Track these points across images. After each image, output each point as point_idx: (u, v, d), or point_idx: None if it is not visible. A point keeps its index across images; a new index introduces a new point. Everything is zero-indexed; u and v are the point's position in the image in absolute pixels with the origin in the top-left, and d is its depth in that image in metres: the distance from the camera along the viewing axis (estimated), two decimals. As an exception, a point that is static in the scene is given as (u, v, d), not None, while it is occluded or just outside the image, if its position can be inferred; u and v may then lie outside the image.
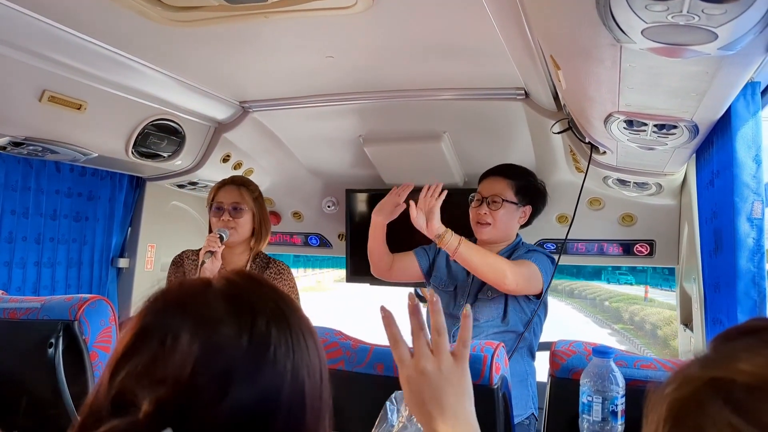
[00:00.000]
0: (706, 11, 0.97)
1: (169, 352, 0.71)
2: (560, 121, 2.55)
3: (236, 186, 2.66)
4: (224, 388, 0.70)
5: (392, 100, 2.69)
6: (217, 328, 0.73)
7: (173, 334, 0.72)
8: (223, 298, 0.77)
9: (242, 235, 2.62)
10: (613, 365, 1.31)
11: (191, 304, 0.76)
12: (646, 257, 3.20)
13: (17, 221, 2.88)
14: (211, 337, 0.72)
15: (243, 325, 0.74)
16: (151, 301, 0.79)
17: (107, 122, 2.64)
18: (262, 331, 0.75)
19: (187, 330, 0.72)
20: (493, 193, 2.48)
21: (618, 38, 1.14)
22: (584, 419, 1.30)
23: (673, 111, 1.59)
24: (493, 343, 1.46)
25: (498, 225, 2.47)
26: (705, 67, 1.26)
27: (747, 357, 0.61)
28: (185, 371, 0.70)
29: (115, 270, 3.44)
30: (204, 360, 0.71)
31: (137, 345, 0.73)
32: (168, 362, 0.70)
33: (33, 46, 2.04)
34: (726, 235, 1.68)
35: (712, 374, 0.61)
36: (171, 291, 0.80)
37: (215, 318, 0.74)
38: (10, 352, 1.91)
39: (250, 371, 0.72)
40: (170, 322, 0.74)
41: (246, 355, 0.73)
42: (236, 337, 0.73)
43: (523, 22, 1.69)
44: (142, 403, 0.69)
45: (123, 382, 0.71)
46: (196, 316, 0.74)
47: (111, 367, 0.74)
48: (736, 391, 0.58)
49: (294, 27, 1.95)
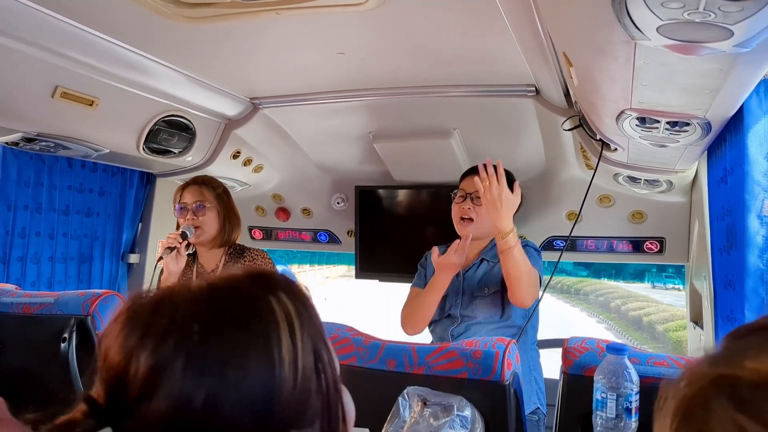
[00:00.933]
0: (722, 8, 0.96)
1: (107, 349, 0.72)
2: (571, 118, 2.54)
3: (198, 185, 2.68)
4: (153, 381, 0.68)
5: (402, 96, 2.69)
6: (165, 340, 0.70)
7: (116, 336, 0.72)
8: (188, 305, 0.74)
9: (209, 233, 2.64)
10: (627, 362, 1.31)
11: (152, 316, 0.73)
12: (656, 254, 3.19)
13: (30, 217, 2.90)
14: (160, 346, 0.70)
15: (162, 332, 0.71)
16: (110, 325, 0.77)
17: (119, 118, 2.66)
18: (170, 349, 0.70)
19: (126, 330, 0.72)
20: (477, 189, 2.48)
21: (633, 35, 1.14)
22: (598, 416, 1.30)
23: (686, 108, 1.59)
24: (505, 340, 1.46)
25: (481, 220, 2.46)
26: (720, 65, 1.26)
27: (754, 354, 0.60)
28: (120, 366, 0.70)
29: (125, 265, 3.46)
30: (133, 355, 0.69)
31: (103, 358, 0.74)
32: (106, 360, 0.71)
33: (46, 43, 2.05)
34: (737, 233, 1.68)
35: (718, 372, 0.61)
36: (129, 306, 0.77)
37: (163, 329, 0.71)
38: (24, 347, 1.93)
39: (190, 372, 0.68)
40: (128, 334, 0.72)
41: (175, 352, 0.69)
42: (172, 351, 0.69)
43: (536, 18, 1.69)
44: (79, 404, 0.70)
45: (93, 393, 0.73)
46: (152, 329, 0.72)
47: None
48: (741, 389, 0.58)
49: (305, 24, 1.95)
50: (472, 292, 2.47)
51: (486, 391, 1.39)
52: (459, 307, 2.46)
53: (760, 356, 0.60)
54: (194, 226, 2.59)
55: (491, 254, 2.50)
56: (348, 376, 0.86)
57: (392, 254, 3.62)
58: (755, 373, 0.58)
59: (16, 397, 1.42)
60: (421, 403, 1.36)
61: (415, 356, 1.49)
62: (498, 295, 2.43)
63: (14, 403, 1.06)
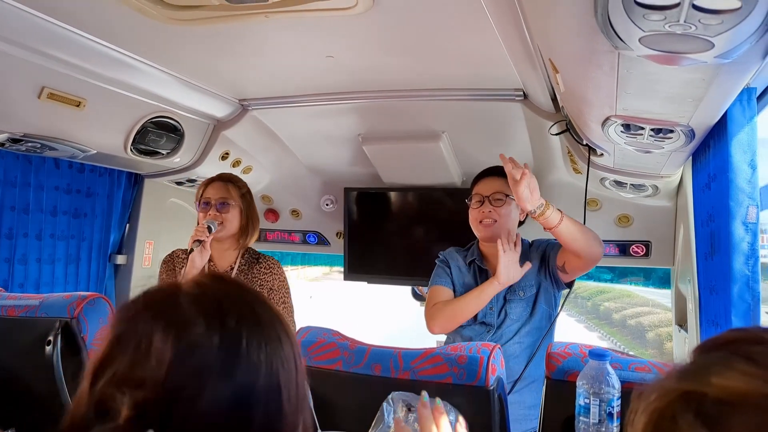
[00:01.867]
0: (702, 21, 0.98)
1: (144, 356, 0.73)
2: (558, 122, 2.56)
3: (224, 182, 2.67)
4: (200, 385, 0.72)
5: (391, 99, 2.70)
6: (188, 329, 0.75)
7: (147, 338, 0.74)
8: (191, 300, 0.79)
9: (229, 231, 2.62)
10: (609, 368, 1.32)
11: (160, 308, 0.79)
12: (642, 258, 3.21)
13: (18, 217, 2.88)
14: (183, 337, 0.74)
15: (212, 323, 0.77)
16: (122, 310, 0.81)
17: (106, 119, 2.65)
18: (232, 327, 0.77)
19: (159, 333, 0.74)
20: (495, 190, 2.47)
21: (616, 45, 1.15)
22: (581, 421, 1.31)
23: (669, 116, 1.60)
24: (489, 345, 1.47)
25: (503, 221, 2.45)
26: (702, 75, 1.28)
27: (719, 370, 0.61)
28: (161, 372, 0.72)
29: (112, 267, 3.45)
30: (178, 360, 0.73)
31: (113, 353, 0.76)
32: (145, 366, 0.73)
33: (33, 43, 2.04)
34: (721, 239, 1.69)
35: (685, 387, 0.62)
36: (140, 298, 0.82)
37: (185, 319, 0.76)
38: (9, 350, 1.92)
39: (224, 367, 0.74)
40: (142, 327, 0.76)
41: (219, 352, 0.75)
42: (207, 336, 0.75)
43: (523, 25, 1.70)
44: (122, 408, 0.71)
45: (103, 389, 0.73)
46: (167, 319, 0.76)
47: (90, 376, 0.76)
48: (707, 405, 0.59)
49: (294, 27, 1.95)
50: (504, 294, 2.45)
51: (470, 396, 1.40)
52: (495, 315, 2.44)
53: (725, 372, 0.61)
54: (217, 222, 2.57)
55: (521, 257, 2.47)
56: (333, 380, 0.88)
57: (381, 256, 3.63)
58: (720, 389, 0.59)
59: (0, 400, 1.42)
60: (405, 408, 1.36)
61: (400, 361, 1.50)
62: (532, 297, 2.44)
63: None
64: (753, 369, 0.60)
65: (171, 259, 2.72)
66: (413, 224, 3.51)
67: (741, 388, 0.59)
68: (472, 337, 2.45)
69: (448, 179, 3.25)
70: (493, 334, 2.42)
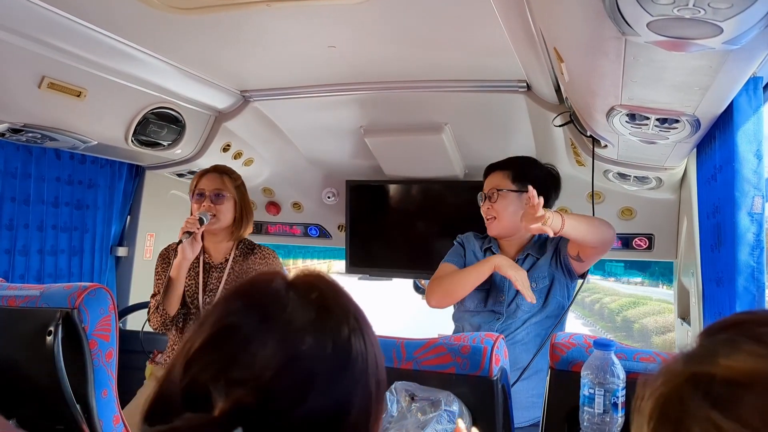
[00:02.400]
0: (712, 5, 0.96)
1: (251, 355, 0.71)
2: (562, 114, 2.54)
3: (218, 174, 2.65)
4: (304, 395, 0.71)
5: (394, 91, 2.68)
6: (303, 338, 0.73)
7: (258, 339, 0.72)
8: (309, 306, 0.77)
9: (224, 222, 2.60)
10: (613, 358, 1.31)
11: (277, 309, 0.76)
12: (645, 251, 3.20)
13: (18, 208, 2.87)
14: (297, 346, 0.73)
15: (327, 334, 0.75)
16: (234, 297, 0.79)
17: (107, 110, 2.64)
18: (345, 341, 0.76)
19: (274, 337, 0.73)
20: (491, 186, 2.46)
21: (623, 31, 1.13)
22: (585, 411, 1.30)
23: (675, 105, 1.59)
24: (493, 335, 1.46)
25: (503, 217, 2.43)
26: (709, 62, 1.26)
27: (727, 351, 0.61)
28: (265, 376, 0.70)
29: (113, 258, 3.44)
30: (287, 367, 0.71)
31: (218, 341, 0.74)
32: (248, 365, 0.71)
33: (33, 32, 2.03)
34: (727, 230, 1.68)
35: (693, 369, 0.62)
36: (251, 291, 0.80)
37: (301, 326, 0.74)
38: (9, 340, 1.91)
39: (330, 380, 0.73)
40: (256, 326, 0.74)
41: (328, 365, 0.73)
42: (320, 347, 0.74)
43: (527, 13, 1.69)
44: (216, 400, 0.70)
45: (197, 374, 0.72)
46: (283, 324, 0.74)
47: (186, 356, 0.74)
48: (716, 386, 0.58)
49: (296, 16, 1.94)
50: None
51: (474, 386, 1.39)
52: (504, 304, 2.43)
53: (733, 353, 0.60)
54: (210, 214, 2.55)
55: (535, 248, 2.48)
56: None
57: (383, 249, 3.62)
58: (728, 370, 0.59)
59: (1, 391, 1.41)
60: (408, 398, 1.36)
61: (403, 351, 1.49)
62: (546, 289, 2.42)
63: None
64: (761, 349, 0.59)
65: (167, 253, 2.71)
66: (415, 217, 3.50)
67: (749, 367, 0.58)
68: (481, 325, 2.44)
69: (450, 172, 3.24)
70: (502, 322, 2.41)
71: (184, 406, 0.71)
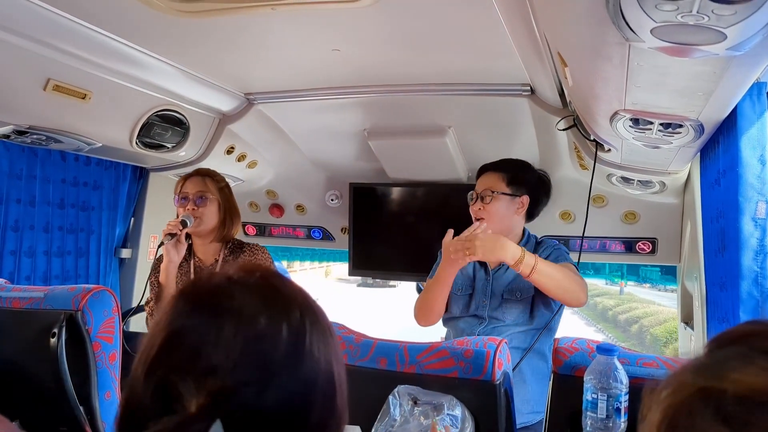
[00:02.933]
0: (715, 11, 0.97)
1: (212, 345, 0.72)
2: (565, 118, 2.54)
3: (201, 177, 2.67)
4: (269, 377, 0.72)
5: (398, 94, 2.68)
6: (257, 318, 0.75)
7: (217, 331, 0.73)
8: (255, 291, 0.79)
9: (208, 225, 2.62)
10: (617, 363, 1.31)
11: (224, 300, 0.77)
12: (648, 255, 3.20)
13: (24, 210, 2.88)
14: (252, 329, 0.74)
15: (280, 316, 0.76)
16: (179, 300, 0.79)
17: (112, 112, 2.64)
18: (297, 321, 0.77)
19: (229, 325, 0.74)
20: (485, 187, 2.46)
21: (627, 37, 1.14)
22: (588, 416, 1.30)
23: (679, 110, 1.59)
24: (496, 339, 1.46)
25: (492, 219, 2.41)
26: (712, 67, 1.26)
27: (738, 366, 0.60)
28: (231, 359, 0.71)
29: (117, 260, 3.45)
30: (248, 352, 0.72)
31: (175, 342, 0.74)
32: (213, 355, 0.72)
33: (38, 35, 2.04)
34: (730, 235, 1.68)
35: (703, 383, 0.60)
36: (194, 291, 0.81)
37: (253, 310, 0.76)
38: (13, 342, 1.91)
39: (291, 360, 0.74)
40: (208, 321, 0.75)
41: (287, 345, 0.75)
42: (276, 327, 0.75)
43: (531, 18, 1.69)
44: (188, 398, 0.70)
45: (163, 377, 0.72)
46: (234, 309, 0.75)
47: (146, 364, 0.75)
48: (727, 402, 0.57)
49: (300, 20, 1.94)
50: (501, 293, 2.41)
51: (476, 390, 1.39)
52: (487, 308, 2.42)
53: (744, 367, 0.59)
54: (194, 217, 2.57)
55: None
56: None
57: (386, 252, 3.62)
58: (740, 385, 0.58)
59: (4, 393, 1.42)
60: (411, 401, 1.36)
61: (406, 355, 1.49)
62: (530, 300, 2.39)
63: (2, 398, 1.05)
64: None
65: (158, 263, 2.72)
66: (418, 220, 3.50)
67: (762, 384, 0.57)
68: (464, 329, 2.44)
69: (453, 175, 3.24)
70: (484, 326, 2.40)
71: (157, 413, 0.71)
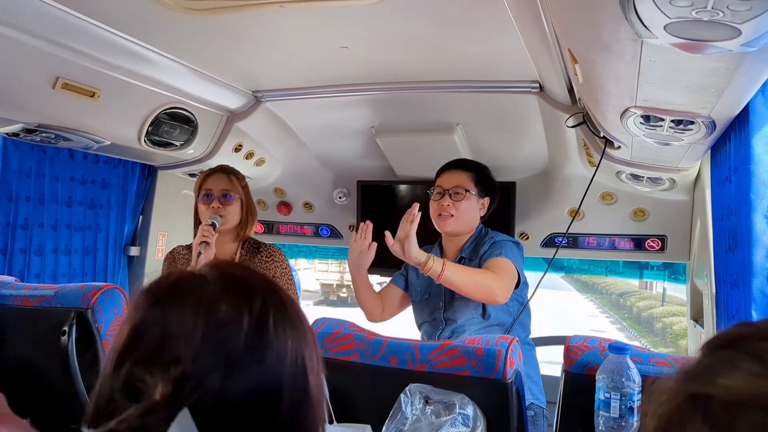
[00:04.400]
0: (731, 7, 0.96)
1: (175, 336, 0.73)
2: (575, 114, 2.53)
3: (225, 174, 2.65)
4: (232, 365, 0.72)
5: (405, 91, 2.68)
6: (218, 307, 0.75)
7: (176, 318, 0.74)
8: (216, 281, 0.79)
9: (231, 223, 2.61)
10: (629, 361, 1.30)
11: (186, 289, 0.78)
12: (658, 252, 3.18)
13: (33, 208, 2.89)
14: (213, 316, 0.74)
15: (241, 303, 0.76)
16: (142, 294, 0.80)
17: (120, 110, 2.65)
18: (259, 308, 0.77)
19: (189, 312, 0.74)
20: (455, 184, 2.47)
21: (640, 33, 1.13)
22: (601, 415, 1.30)
23: (691, 107, 1.58)
24: (507, 338, 1.46)
25: (461, 216, 2.46)
26: (726, 64, 1.25)
27: (725, 370, 0.60)
28: (193, 347, 0.72)
29: (126, 258, 3.46)
30: (209, 339, 0.73)
31: (138, 337, 0.75)
32: (175, 344, 0.72)
33: (47, 33, 2.04)
34: (742, 232, 1.67)
35: (693, 389, 0.61)
36: (159, 284, 0.82)
37: (214, 299, 0.76)
38: (24, 340, 1.92)
39: (254, 347, 0.74)
40: (168, 309, 0.76)
41: (249, 333, 0.75)
42: (237, 315, 0.75)
43: (541, 14, 1.68)
44: (153, 387, 0.71)
45: (129, 371, 0.73)
46: (195, 299, 0.76)
47: (113, 360, 0.75)
48: (714, 408, 0.58)
49: (309, 17, 1.94)
50: (452, 293, 2.40)
51: (488, 388, 1.39)
52: (441, 310, 2.45)
53: (731, 372, 0.59)
54: (219, 215, 2.55)
55: (469, 251, 2.48)
56: (350, 372, 0.87)
57: (394, 249, 3.61)
58: (727, 390, 0.58)
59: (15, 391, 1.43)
60: (423, 400, 1.36)
61: (417, 353, 1.49)
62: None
63: (13, 396, 1.05)
64: (759, 368, 0.59)
65: (172, 256, 2.72)
66: (426, 217, 3.48)
67: (747, 389, 0.57)
68: (430, 334, 2.50)
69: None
70: (442, 330, 2.44)
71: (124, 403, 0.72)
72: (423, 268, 2.20)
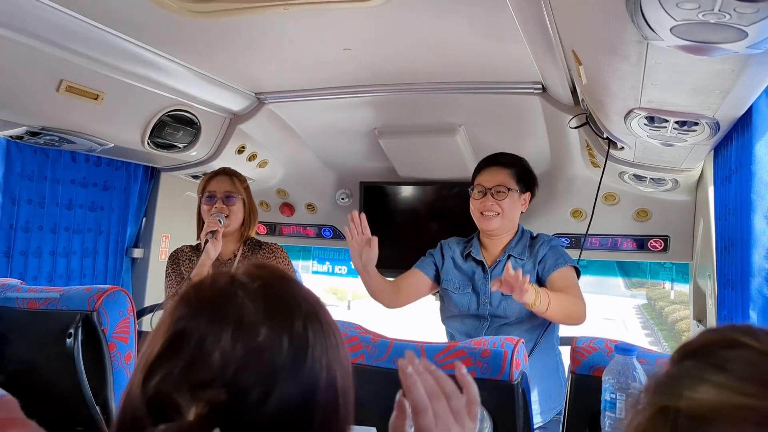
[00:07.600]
0: (737, 9, 0.96)
1: (208, 355, 0.72)
2: (578, 115, 2.53)
3: (228, 176, 2.67)
4: (268, 389, 0.72)
5: (408, 93, 2.69)
6: (257, 330, 0.74)
7: (213, 338, 0.73)
8: (258, 300, 0.78)
9: (235, 224, 2.62)
10: (635, 363, 1.30)
11: (226, 306, 0.77)
12: (660, 253, 3.18)
13: (33, 211, 2.89)
14: (252, 339, 0.73)
15: (282, 327, 0.76)
16: (181, 303, 0.79)
17: (124, 112, 2.65)
18: (300, 331, 0.76)
19: (228, 333, 0.73)
20: (497, 183, 2.43)
21: (646, 35, 1.13)
22: (607, 416, 1.30)
23: (695, 108, 1.58)
24: (513, 339, 1.46)
25: (506, 214, 2.42)
26: (731, 65, 1.26)
27: (690, 383, 0.61)
28: (228, 373, 0.71)
29: (129, 260, 3.46)
30: (247, 362, 0.72)
31: (173, 349, 0.74)
32: (207, 366, 0.71)
33: (51, 36, 2.05)
34: (742, 232, 1.67)
35: (661, 402, 0.62)
36: (199, 292, 0.80)
37: (254, 321, 0.75)
38: (29, 342, 1.92)
39: (291, 371, 0.74)
40: (208, 327, 0.74)
41: (287, 356, 0.74)
42: (277, 339, 0.74)
43: (544, 15, 1.68)
44: (185, 407, 0.70)
45: (158, 385, 0.72)
46: (235, 319, 0.75)
47: (144, 369, 0.74)
48: (681, 420, 0.59)
49: (312, 19, 1.95)
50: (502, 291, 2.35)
51: (494, 390, 1.39)
52: (488, 306, 2.40)
53: (696, 384, 0.61)
54: (224, 215, 2.56)
55: (518, 250, 2.44)
56: (355, 374, 0.87)
57: (397, 250, 3.60)
58: (692, 402, 0.59)
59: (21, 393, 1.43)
60: (429, 402, 1.35)
61: (423, 355, 1.48)
62: None
63: (19, 398, 1.05)
64: (723, 379, 0.60)
65: (176, 255, 2.73)
66: (429, 218, 3.49)
67: (711, 401, 0.59)
68: (470, 332, 2.43)
69: (464, 173, 3.22)
70: (488, 326, 2.39)
71: (153, 421, 0.71)
72: (531, 306, 2.08)
